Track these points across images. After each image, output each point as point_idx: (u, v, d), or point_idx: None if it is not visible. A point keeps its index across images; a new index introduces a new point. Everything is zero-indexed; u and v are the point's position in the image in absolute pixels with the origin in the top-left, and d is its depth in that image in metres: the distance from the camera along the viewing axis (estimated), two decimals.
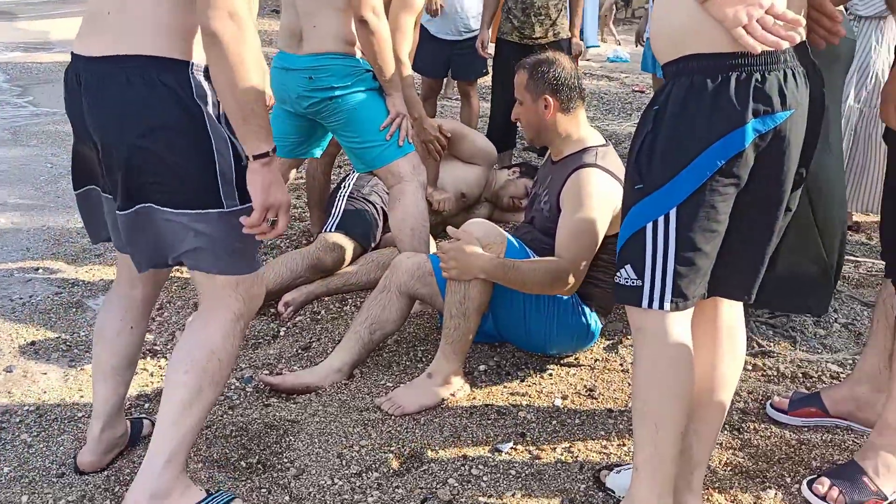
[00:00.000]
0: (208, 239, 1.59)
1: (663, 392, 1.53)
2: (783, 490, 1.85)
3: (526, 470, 1.95)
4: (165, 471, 1.66)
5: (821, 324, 2.66)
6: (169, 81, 1.53)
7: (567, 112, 2.31)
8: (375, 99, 2.65)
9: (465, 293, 2.17)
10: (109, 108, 1.54)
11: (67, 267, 3.26)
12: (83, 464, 1.89)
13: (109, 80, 1.53)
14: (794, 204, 1.62)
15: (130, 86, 1.52)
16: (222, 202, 1.58)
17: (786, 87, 1.42)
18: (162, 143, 1.54)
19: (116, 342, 1.84)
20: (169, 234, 1.60)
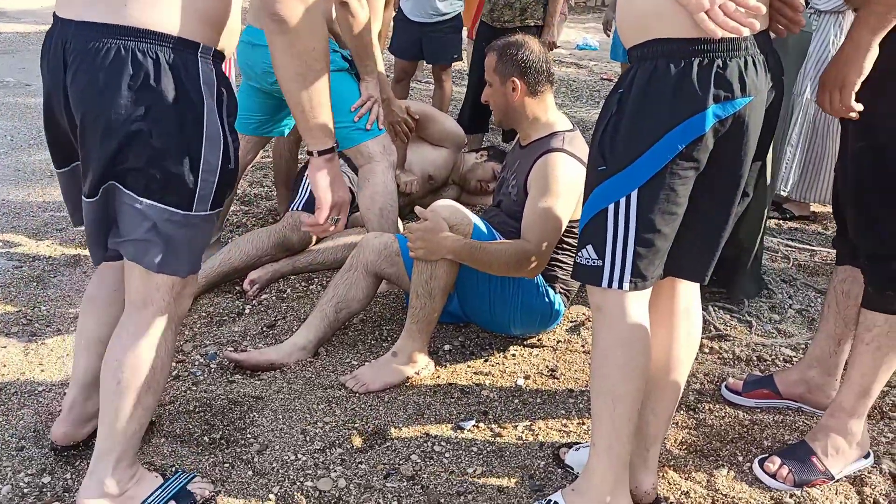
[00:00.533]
0: (163, 237, 1.49)
1: (621, 370, 1.57)
2: (735, 468, 1.91)
3: (487, 447, 1.98)
4: (115, 472, 1.62)
5: (776, 309, 2.74)
6: (174, 62, 1.41)
7: (534, 95, 2.33)
8: (344, 80, 2.62)
9: (432, 273, 2.19)
10: (101, 82, 1.39)
11: (28, 241, 3.21)
12: (56, 435, 1.82)
13: (107, 51, 1.39)
14: (752, 189, 1.66)
15: (134, 63, 1.39)
16: (193, 205, 1.48)
17: (746, 73, 1.46)
18: (153, 128, 1.41)
19: (106, 312, 1.74)
20: (124, 219, 1.49)
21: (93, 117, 1.42)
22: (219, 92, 1.48)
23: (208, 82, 1.46)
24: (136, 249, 1.50)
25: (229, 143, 1.50)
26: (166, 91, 1.41)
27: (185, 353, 2.39)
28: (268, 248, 2.87)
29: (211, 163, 1.47)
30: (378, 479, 1.84)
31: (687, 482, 1.85)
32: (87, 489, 1.63)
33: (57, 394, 2.15)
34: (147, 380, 1.58)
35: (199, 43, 1.44)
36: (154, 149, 1.43)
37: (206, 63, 1.46)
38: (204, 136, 1.45)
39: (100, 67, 1.39)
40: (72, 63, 1.42)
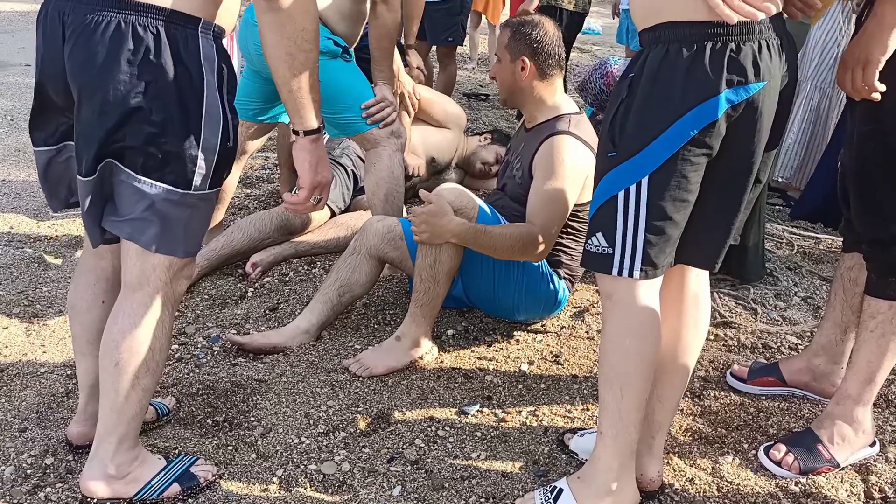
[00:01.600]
0: (161, 215, 1.47)
1: (630, 358, 1.55)
2: (741, 455, 1.91)
3: (491, 432, 1.97)
4: (117, 455, 1.62)
5: (781, 297, 2.72)
6: (174, 37, 1.39)
7: (543, 78, 2.30)
8: (346, 69, 2.54)
9: (436, 257, 2.17)
10: (100, 56, 1.37)
11: (28, 222, 3.20)
12: (72, 434, 1.81)
13: (106, 24, 1.37)
14: (764, 176, 1.64)
15: (132, 35, 1.37)
16: (191, 183, 1.47)
17: (760, 58, 1.43)
18: (152, 104, 1.39)
19: (87, 317, 1.72)
20: (121, 198, 1.47)
21: (90, 92, 1.40)
22: (219, 68, 1.46)
23: (209, 58, 1.44)
24: (133, 228, 1.49)
25: (229, 120, 1.48)
26: (166, 66, 1.39)
27: (187, 336, 2.38)
28: (270, 231, 2.85)
29: (210, 140, 1.46)
30: (382, 462, 1.84)
31: (692, 469, 1.85)
32: (90, 471, 1.62)
33: (59, 375, 2.14)
34: (145, 360, 1.57)
35: (200, 18, 1.42)
36: (153, 125, 1.41)
37: (207, 38, 1.44)
38: (203, 112, 1.44)
39: (99, 41, 1.37)
40: (70, 36, 1.39)
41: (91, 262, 1.73)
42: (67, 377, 2.13)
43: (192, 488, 1.71)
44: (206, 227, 1.59)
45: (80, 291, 1.74)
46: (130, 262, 1.54)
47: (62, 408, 1.99)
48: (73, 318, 1.76)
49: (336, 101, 2.50)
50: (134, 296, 1.56)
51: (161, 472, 1.69)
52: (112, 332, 1.57)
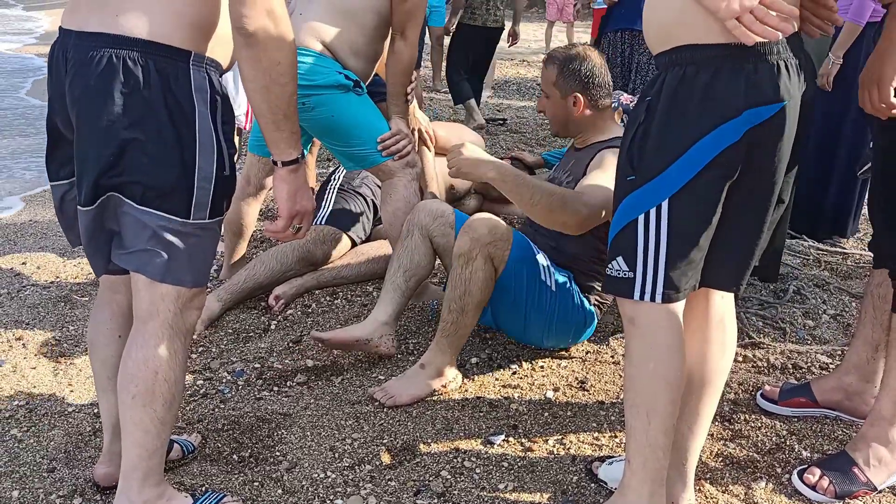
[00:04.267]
0: (163, 245, 1.50)
1: (655, 383, 1.53)
2: (774, 480, 1.87)
3: (518, 462, 1.95)
4: (143, 491, 1.61)
5: (810, 315, 2.68)
6: (167, 71, 1.44)
7: (595, 109, 2.30)
8: (356, 103, 2.54)
9: (466, 289, 2.15)
10: (96, 91, 1.42)
11: (55, 261, 3.24)
12: (98, 476, 1.80)
13: (100, 60, 1.42)
14: (787, 196, 1.63)
15: (125, 71, 1.42)
16: (190, 212, 1.50)
17: (779, 78, 1.42)
18: (146, 135, 1.43)
19: (106, 352, 1.73)
20: (126, 230, 1.50)
21: (87, 123, 1.44)
22: (212, 99, 1.49)
23: (201, 90, 1.47)
24: (140, 260, 1.51)
25: (223, 150, 1.51)
26: (157, 98, 1.43)
27: (212, 371, 2.39)
28: (292, 263, 2.86)
29: (205, 170, 1.49)
30: (408, 496, 1.82)
31: (724, 496, 1.81)
32: None
33: (87, 414, 2.15)
34: (161, 393, 1.57)
35: (191, 51, 1.46)
36: (148, 156, 1.44)
37: (199, 71, 1.48)
38: (197, 142, 1.47)
39: (93, 74, 1.42)
40: (70, 71, 1.46)
41: (107, 297, 1.74)
42: (95, 416, 2.14)
43: None
44: (212, 257, 1.60)
45: (98, 327, 1.75)
46: (140, 294, 1.56)
47: (90, 447, 2.00)
48: (93, 354, 1.77)
49: (350, 134, 2.51)
50: (146, 328, 1.57)
51: None
52: (127, 366, 1.58)
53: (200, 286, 1.60)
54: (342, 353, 2.45)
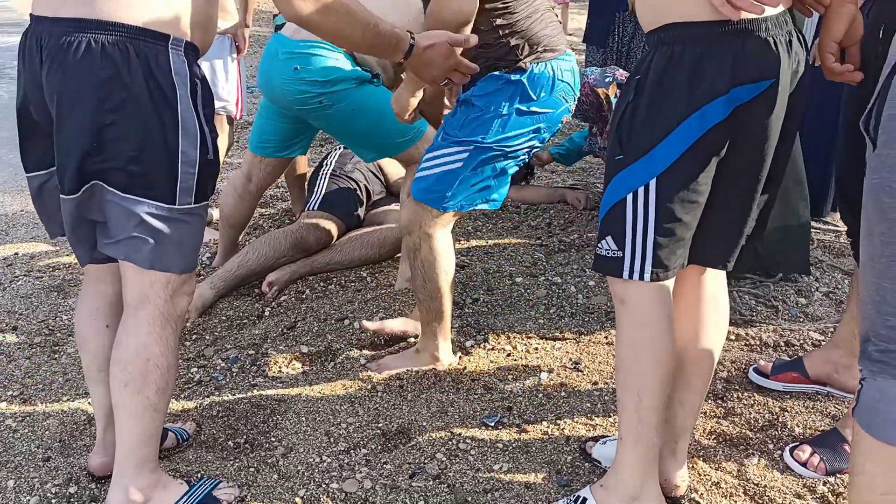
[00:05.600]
0: (150, 232, 1.50)
1: (645, 362, 1.54)
2: (766, 457, 1.88)
3: (513, 443, 1.96)
4: (138, 478, 1.61)
5: (802, 293, 2.69)
6: (147, 56, 1.42)
7: None
8: (376, 93, 2.54)
9: (425, 276, 2.12)
10: (73, 76, 1.41)
11: (47, 251, 3.23)
12: (93, 466, 1.80)
13: (77, 45, 1.40)
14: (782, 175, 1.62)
15: (101, 55, 1.40)
16: (176, 198, 1.50)
17: (767, 56, 1.41)
18: (128, 121, 1.43)
19: (94, 343, 1.72)
20: (111, 219, 1.50)
21: (67, 111, 1.43)
22: (192, 83, 1.49)
23: (180, 73, 1.46)
24: (127, 248, 1.51)
25: (206, 133, 1.51)
26: (138, 83, 1.42)
27: (206, 358, 2.39)
28: (285, 250, 2.86)
29: (189, 154, 1.49)
30: (404, 478, 1.83)
31: (717, 472, 1.82)
32: (114, 498, 1.62)
33: (82, 402, 2.16)
34: (154, 380, 1.57)
35: (170, 35, 1.45)
36: (130, 142, 1.44)
37: (178, 54, 1.47)
38: (179, 126, 1.47)
39: (72, 62, 1.40)
40: (46, 59, 1.43)
41: (91, 287, 1.74)
42: (89, 404, 2.14)
43: None
44: (199, 242, 1.60)
45: (84, 319, 1.74)
46: (129, 282, 1.56)
47: (85, 435, 2.00)
48: (81, 346, 1.77)
49: (375, 125, 2.51)
50: (137, 315, 1.57)
51: (184, 497, 1.69)
52: (118, 354, 1.58)
53: (189, 272, 1.60)
54: (336, 339, 2.46)
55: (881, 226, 1.20)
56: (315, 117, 2.57)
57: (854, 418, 1.26)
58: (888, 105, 1.17)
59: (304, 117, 2.61)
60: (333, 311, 2.62)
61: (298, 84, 2.47)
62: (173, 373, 1.62)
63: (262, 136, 2.84)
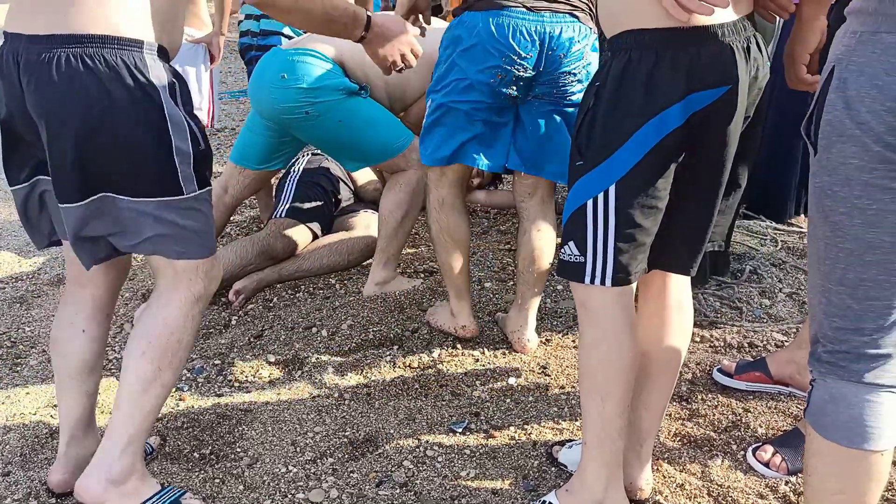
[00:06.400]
0: (169, 225, 1.56)
1: (608, 366, 1.55)
2: (730, 457, 1.90)
3: (480, 449, 1.96)
4: (123, 456, 1.62)
5: (766, 293, 2.72)
6: (125, 62, 1.46)
7: None
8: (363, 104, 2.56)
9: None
10: (59, 91, 1.43)
11: (10, 261, 3.18)
12: (52, 482, 1.77)
13: (58, 60, 1.43)
14: (744, 181, 1.63)
15: (83, 67, 1.43)
16: (181, 188, 1.55)
17: (723, 62, 1.43)
18: (118, 128, 1.46)
19: (68, 348, 1.74)
20: (129, 223, 1.54)
21: (58, 127, 1.45)
22: (170, 83, 1.53)
23: (157, 75, 1.50)
24: (154, 245, 1.58)
25: (193, 126, 1.56)
26: (121, 90, 1.45)
27: None
28: (252, 257, 2.84)
29: (181, 148, 1.53)
30: (370, 487, 1.82)
31: (682, 475, 1.84)
32: (90, 473, 1.63)
33: (43, 416, 2.12)
34: (171, 354, 1.63)
35: (143, 40, 1.48)
36: (125, 147, 1.48)
37: (153, 57, 1.50)
38: (168, 123, 1.50)
39: (53, 77, 1.43)
40: (25, 76, 1.45)
41: (73, 293, 1.76)
42: (51, 417, 2.12)
43: None
44: (212, 224, 1.67)
45: (62, 323, 1.76)
46: (160, 271, 1.65)
47: (46, 449, 1.97)
48: (55, 351, 1.77)
49: (363, 134, 2.54)
50: (170, 295, 1.65)
51: (156, 497, 1.69)
52: (143, 324, 1.65)
53: (212, 254, 1.67)
54: (303, 347, 2.44)
55: (824, 229, 1.22)
56: (301, 127, 2.58)
57: (806, 419, 1.28)
58: (826, 111, 1.20)
59: (291, 128, 2.61)
60: (301, 318, 2.61)
61: (285, 92, 2.48)
62: (187, 353, 1.68)
63: (245, 148, 2.86)
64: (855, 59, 1.18)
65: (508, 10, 2.01)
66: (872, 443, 1.24)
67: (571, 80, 2.11)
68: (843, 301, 1.24)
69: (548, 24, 2.02)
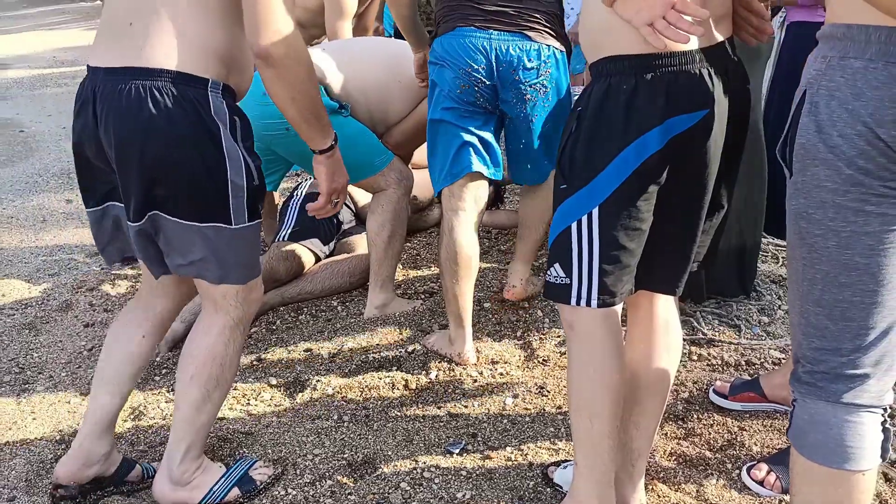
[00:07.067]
0: (213, 251, 1.66)
1: (595, 386, 1.57)
2: (724, 476, 1.90)
3: (476, 470, 1.98)
4: (184, 461, 1.81)
5: (765, 311, 2.72)
6: (190, 97, 1.58)
7: None
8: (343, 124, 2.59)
9: None
10: (130, 120, 1.57)
11: (20, 287, 3.24)
12: (60, 472, 1.85)
13: (131, 92, 1.56)
14: (727, 202, 1.66)
15: (153, 100, 1.56)
16: (231, 219, 1.65)
17: (700, 87, 1.46)
18: (181, 157, 1.58)
19: (124, 348, 1.87)
20: (176, 243, 1.66)
21: (123, 153, 1.59)
22: (231, 120, 1.64)
23: (219, 112, 1.61)
24: (198, 269, 1.69)
25: (249, 163, 1.66)
26: (184, 122, 1.58)
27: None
28: None
29: (236, 182, 1.64)
30: None
31: (676, 494, 1.85)
32: (159, 479, 1.83)
33: (49, 441, 2.16)
34: (216, 376, 1.77)
35: (209, 78, 1.60)
36: (183, 176, 1.60)
37: (216, 96, 1.62)
38: (226, 158, 1.62)
39: (124, 107, 1.57)
40: (100, 105, 1.60)
41: (144, 300, 1.91)
42: (56, 443, 2.15)
43: (250, 491, 1.88)
44: (257, 253, 1.79)
45: (125, 325, 1.90)
46: (204, 294, 1.77)
47: (51, 474, 2.00)
48: (107, 349, 1.89)
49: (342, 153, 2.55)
50: (211, 319, 1.78)
51: (222, 479, 1.87)
52: (190, 348, 1.79)
53: (254, 279, 1.78)
54: (304, 370, 2.47)
55: (801, 250, 1.24)
56: (281, 143, 2.62)
57: (789, 439, 1.29)
58: (799, 134, 1.22)
59: (272, 145, 2.65)
60: (303, 341, 2.64)
61: (266, 108, 2.51)
62: (234, 371, 1.83)
63: None
64: (825, 84, 1.20)
65: (460, 30, 2.26)
66: (854, 463, 1.25)
67: (534, 88, 2.29)
68: (821, 322, 1.25)
69: (495, 40, 2.24)
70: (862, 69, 1.16)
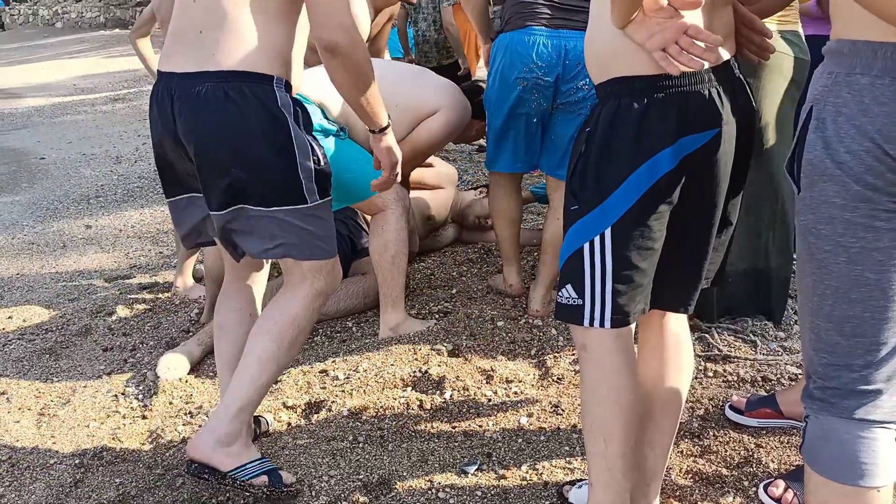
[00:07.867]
0: (296, 231, 1.82)
1: (609, 407, 1.57)
2: (741, 494, 1.89)
3: (491, 490, 1.98)
4: (233, 421, 1.88)
5: (781, 326, 2.71)
6: (259, 94, 1.74)
7: None
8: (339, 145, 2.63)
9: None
10: (208, 119, 1.73)
11: (40, 313, 3.28)
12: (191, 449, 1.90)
13: (207, 93, 1.72)
14: (734, 217, 1.66)
15: (227, 99, 1.72)
16: (306, 199, 1.82)
17: (709, 106, 1.46)
18: (256, 149, 1.75)
19: (238, 331, 2.04)
20: (260, 230, 1.82)
21: (203, 149, 1.76)
22: (295, 111, 1.81)
23: (285, 104, 1.78)
24: (284, 250, 1.85)
25: (314, 146, 1.84)
26: (256, 116, 1.75)
27: (191, 415, 2.42)
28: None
29: (305, 164, 1.81)
30: None
31: None
32: (202, 433, 1.89)
33: (68, 465, 2.19)
34: (290, 337, 1.91)
35: (273, 76, 1.77)
36: (259, 165, 1.77)
37: (280, 90, 1.79)
38: (294, 144, 1.79)
39: (201, 107, 1.73)
40: (177, 106, 1.76)
41: (235, 284, 2.10)
42: (76, 466, 2.18)
43: (275, 486, 1.94)
44: (333, 228, 1.93)
45: (229, 313, 2.08)
46: (290, 270, 1.94)
47: (70, 498, 2.03)
48: (221, 336, 2.08)
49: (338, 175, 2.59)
50: (297, 288, 1.93)
51: (257, 461, 1.93)
52: (272, 310, 1.93)
53: (333, 256, 1.95)
54: (320, 391, 2.48)
55: (810, 266, 1.24)
56: None
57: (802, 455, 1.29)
58: (806, 150, 1.22)
59: None
60: (318, 362, 2.66)
61: None
62: (304, 338, 1.98)
63: None
64: (832, 100, 1.21)
65: (530, 29, 2.49)
66: (867, 479, 1.24)
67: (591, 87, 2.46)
68: (832, 338, 1.25)
69: (564, 39, 2.47)
70: (869, 85, 1.16)
